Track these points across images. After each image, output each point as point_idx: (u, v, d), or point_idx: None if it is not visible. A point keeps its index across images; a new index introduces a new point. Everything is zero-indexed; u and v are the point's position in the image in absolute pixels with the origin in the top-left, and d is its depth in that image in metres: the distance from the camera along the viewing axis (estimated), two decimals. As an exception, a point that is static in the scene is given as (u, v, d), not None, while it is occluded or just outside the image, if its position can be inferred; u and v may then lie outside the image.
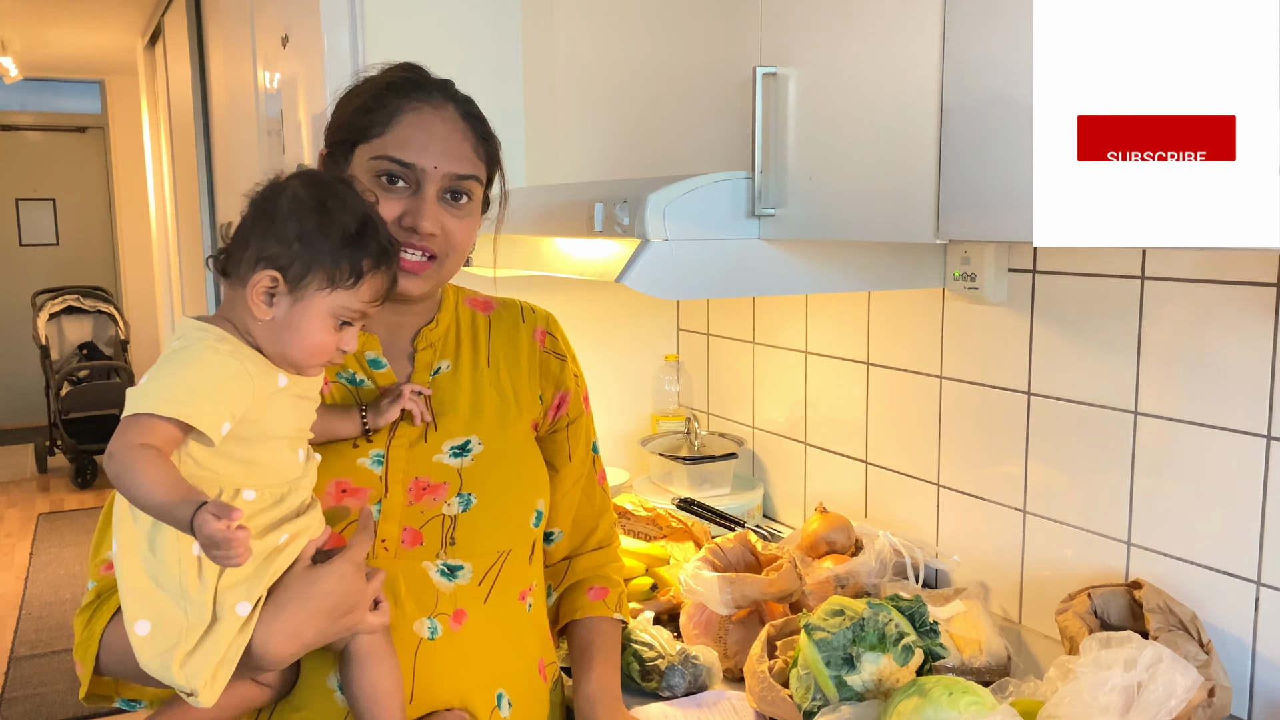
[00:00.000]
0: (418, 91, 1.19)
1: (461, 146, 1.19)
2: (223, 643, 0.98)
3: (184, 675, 0.96)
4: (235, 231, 1.05)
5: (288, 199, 1.03)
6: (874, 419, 1.96)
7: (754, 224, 1.49)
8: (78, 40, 6.37)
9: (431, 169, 1.16)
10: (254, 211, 1.04)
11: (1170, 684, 1.20)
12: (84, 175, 8.33)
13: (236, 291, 1.05)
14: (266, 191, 1.05)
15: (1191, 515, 1.42)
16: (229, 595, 0.99)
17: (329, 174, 1.11)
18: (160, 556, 0.98)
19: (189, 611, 0.97)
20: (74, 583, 4.93)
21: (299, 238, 1.02)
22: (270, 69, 2.71)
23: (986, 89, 1.13)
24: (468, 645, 1.19)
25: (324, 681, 1.13)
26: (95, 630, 1.07)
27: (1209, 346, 1.38)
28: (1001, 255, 1.64)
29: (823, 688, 1.29)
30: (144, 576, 0.98)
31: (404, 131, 1.16)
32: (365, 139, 1.17)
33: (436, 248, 1.17)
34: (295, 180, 1.06)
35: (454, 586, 1.19)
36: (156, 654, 0.97)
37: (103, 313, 7.20)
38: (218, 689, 0.98)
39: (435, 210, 1.16)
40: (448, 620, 1.18)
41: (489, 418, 1.26)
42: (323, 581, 1.04)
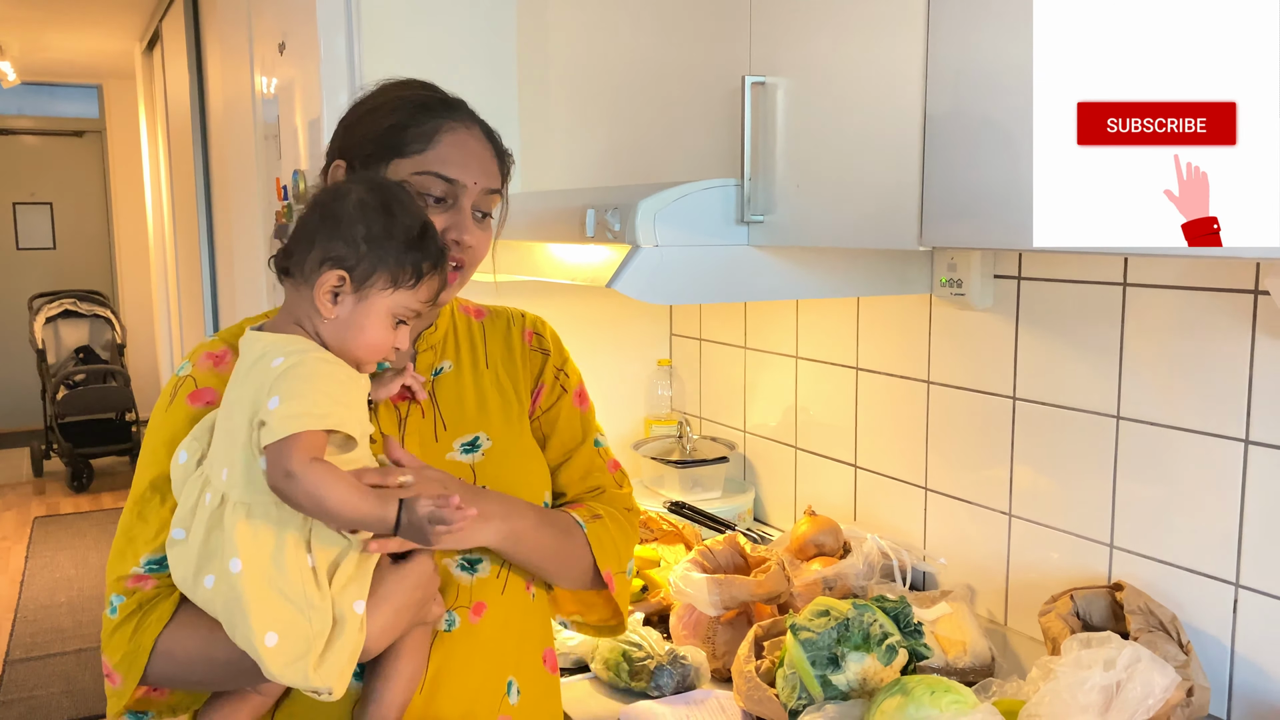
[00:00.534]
0: (450, 112, 1.24)
1: (491, 165, 1.24)
2: (351, 642, 1.04)
3: (320, 677, 1.01)
4: (296, 232, 1.08)
5: (354, 202, 1.07)
6: (863, 423, 1.98)
7: (743, 230, 1.51)
8: (76, 45, 6.40)
9: (472, 185, 1.20)
10: (319, 213, 1.07)
11: (1148, 683, 1.22)
12: (81, 179, 8.35)
13: (301, 291, 1.08)
14: (330, 194, 1.09)
15: (1172, 518, 1.44)
16: (344, 596, 1.04)
17: (388, 180, 1.14)
18: (283, 570, 1.02)
19: (313, 619, 1.02)
20: (69, 586, 4.94)
21: (366, 239, 1.06)
22: (267, 74, 2.73)
23: (969, 98, 1.15)
24: (484, 636, 1.23)
25: None
26: (144, 641, 1.10)
27: (1189, 352, 1.40)
28: (987, 261, 1.67)
29: (808, 687, 1.31)
30: (269, 590, 1.02)
31: (445, 150, 1.20)
32: (403, 154, 1.20)
33: (467, 259, 1.23)
34: (359, 185, 1.10)
35: (474, 580, 1.23)
36: (288, 662, 1.01)
37: (99, 317, 7.21)
38: (346, 682, 1.05)
39: (473, 225, 1.22)
40: (467, 613, 1.21)
41: (494, 415, 1.29)
42: (411, 577, 1.11)
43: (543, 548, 1.23)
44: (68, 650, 4.23)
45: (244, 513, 1.02)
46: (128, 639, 1.10)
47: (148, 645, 1.09)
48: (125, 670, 1.10)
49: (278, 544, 1.02)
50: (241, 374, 1.07)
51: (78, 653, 4.21)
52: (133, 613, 1.12)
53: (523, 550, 1.21)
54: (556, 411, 1.35)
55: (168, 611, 1.11)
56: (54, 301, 7.08)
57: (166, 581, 1.11)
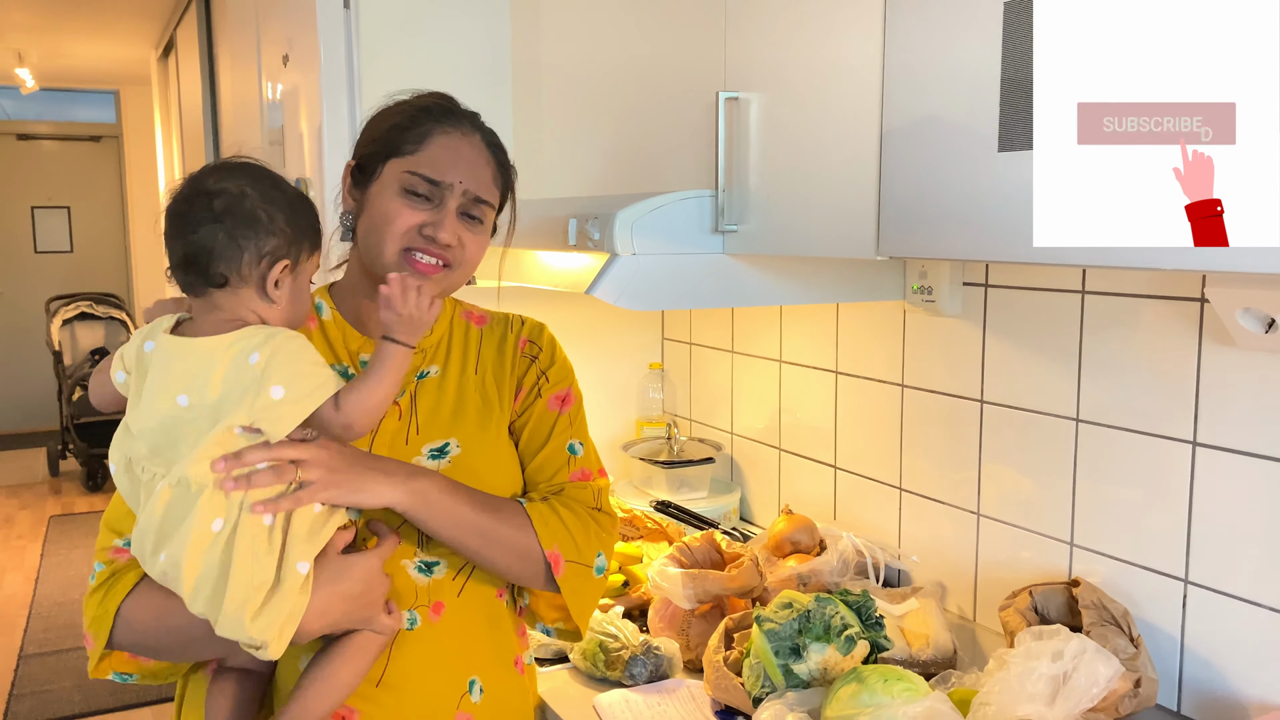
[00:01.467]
0: (449, 117, 1.30)
1: (484, 172, 1.29)
2: (289, 599, 1.10)
3: (256, 629, 1.08)
4: (207, 247, 1.13)
5: (255, 200, 1.15)
6: (842, 426, 2.04)
7: (718, 239, 1.58)
8: (93, 52, 6.50)
9: (456, 184, 1.27)
10: (231, 221, 1.14)
11: (1093, 673, 1.28)
12: (98, 184, 8.46)
13: (240, 293, 1.16)
14: (226, 202, 1.14)
15: (1127, 517, 1.50)
16: (289, 555, 1.11)
17: (235, 162, 1.20)
18: (237, 527, 1.10)
19: (255, 572, 1.09)
20: (83, 584, 5.01)
21: (288, 224, 1.16)
22: (273, 81, 2.81)
23: (924, 114, 1.22)
24: (444, 635, 1.28)
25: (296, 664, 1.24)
26: (110, 606, 1.20)
27: (1141, 357, 1.46)
28: (956, 270, 1.73)
29: (771, 676, 1.37)
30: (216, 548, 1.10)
31: (434, 152, 1.27)
32: (398, 154, 1.27)
33: (451, 258, 1.27)
34: (235, 180, 1.16)
35: (430, 581, 1.28)
36: (231, 611, 1.08)
37: (115, 319, 7.30)
38: (284, 643, 1.11)
39: (454, 223, 1.27)
40: (427, 612, 1.27)
41: (469, 421, 1.34)
42: (354, 569, 1.17)
43: (459, 516, 1.24)
44: (80, 647, 4.31)
45: (211, 486, 1.10)
46: (98, 603, 1.21)
47: (112, 610, 1.20)
48: (95, 632, 1.21)
49: (242, 505, 1.10)
50: (202, 380, 1.12)
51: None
52: (106, 580, 1.22)
53: (435, 515, 1.22)
54: (530, 413, 1.38)
55: (132, 581, 1.21)
56: (70, 304, 7.18)
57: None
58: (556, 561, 1.30)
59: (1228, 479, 1.37)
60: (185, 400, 1.12)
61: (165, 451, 1.12)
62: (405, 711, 1.25)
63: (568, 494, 1.36)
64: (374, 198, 1.28)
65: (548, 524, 1.30)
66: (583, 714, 1.48)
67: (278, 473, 1.11)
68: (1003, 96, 1.08)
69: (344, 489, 1.15)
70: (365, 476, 1.17)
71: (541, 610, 1.38)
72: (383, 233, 1.26)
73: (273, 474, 1.11)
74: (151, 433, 1.13)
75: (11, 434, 8.17)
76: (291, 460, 1.12)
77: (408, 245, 1.26)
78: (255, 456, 1.11)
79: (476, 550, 1.27)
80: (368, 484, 1.17)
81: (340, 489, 1.15)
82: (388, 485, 1.19)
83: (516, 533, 1.28)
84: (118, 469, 1.18)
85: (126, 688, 3.93)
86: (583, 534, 1.33)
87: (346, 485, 1.15)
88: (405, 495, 1.20)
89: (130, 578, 1.21)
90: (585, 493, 1.37)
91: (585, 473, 1.39)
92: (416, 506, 1.21)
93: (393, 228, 1.25)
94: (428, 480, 1.23)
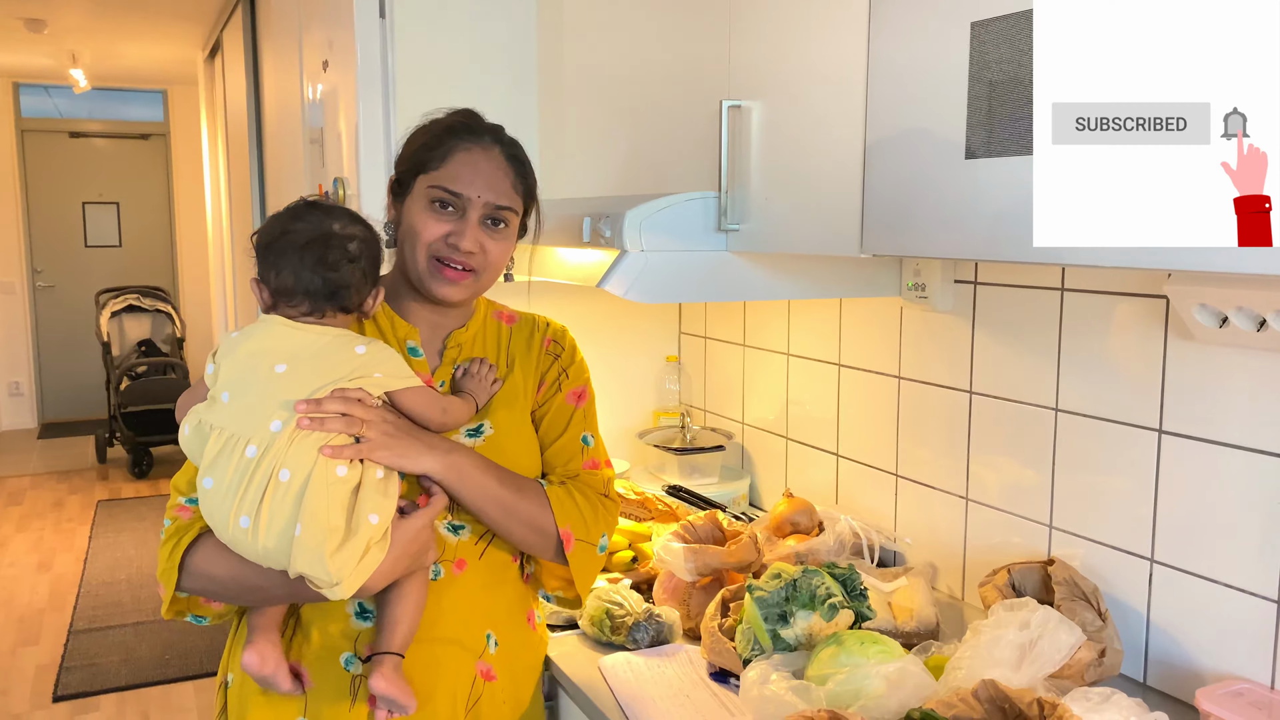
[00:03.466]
0: (470, 134, 1.46)
1: (502, 183, 1.45)
2: (363, 543, 1.27)
3: (335, 564, 1.24)
4: (350, 285, 1.35)
5: (372, 244, 1.39)
6: (844, 416, 2.15)
7: (721, 237, 1.69)
8: (143, 53, 6.70)
9: (475, 198, 1.43)
10: (367, 263, 1.38)
11: (1056, 641, 1.39)
12: (146, 180, 8.67)
13: (352, 313, 1.40)
14: (359, 247, 1.36)
15: (1100, 501, 1.60)
16: (361, 509, 1.28)
17: (340, 207, 1.41)
18: (313, 483, 1.26)
19: (331, 516, 1.26)
20: (129, 564, 5.24)
21: (370, 260, 1.39)
22: (314, 83, 2.95)
23: (901, 123, 1.32)
24: (464, 588, 1.44)
25: (336, 660, 1.39)
26: (175, 559, 1.36)
27: (1113, 350, 1.56)
28: (948, 268, 1.83)
29: (760, 640, 1.49)
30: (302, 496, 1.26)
31: (455, 168, 1.43)
32: (425, 170, 1.44)
33: (475, 264, 1.44)
34: (356, 225, 1.38)
35: (458, 541, 1.45)
36: (310, 547, 1.24)
37: (161, 311, 7.51)
38: (356, 583, 1.27)
39: (476, 232, 1.43)
40: (450, 566, 1.44)
41: (500, 408, 1.51)
42: (410, 531, 1.33)
43: (487, 489, 1.41)
44: (126, 624, 4.51)
45: (290, 447, 1.27)
46: (166, 556, 1.37)
47: (177, 561, 1.36)
48: (164, 580, 1.37)
49: (315, 462, 1.27)
50: (306, 356, 1.32)
51: (135, 625, 4.48)
52: (171, 534, 1.38)
53: (467, 486, 1.39)
54: (550, 404, 1.55)
55: (193, 535, 1.37)
56: (119, 297, 7.38)
57: (199, 513, 1.35)
58: (568, 539, 1.47)
59: (1190, 464, 1.47)
60: (283, 368, 1.30)
61: (248, 414, 1.29)
62: (439, 654, 1.41)
63: (581, 480, 1.53)
64: (407, 211, 1.47)
65: (563, 505, 1.48)
66: (589, 674, 1.60)
67: (347, 423, 1.29)
68: (970, 106, 1.19)
69: (393, 451, 1.33)
70: (411, 445, 1.35)
71: (545, 579, 1.55)
72: (414, 243, 1.44)
73: (342, 423, 1.29)
74: (241, 392, 1.31)
75: (62, 422, 8.42)
76: (359, 417, 1.30)
77: (436, 255, 1.43)
78: (332, 405, 1.29)
79: (497, 520, 1.43)
80: (412, 451, 1.35)
81: (390, 450, 1.32)
82: (429, 455, 1.37)
83: (536, 509, 1.46)
84: (190, 429, 1.33)
85: (169, 661, 4.11)
86: (592, 516, 1.50)
87: (396, 448, 1.33)
88: (442, 466, 1.38)
89: (192, 532, 1.37)
90: (596, 479, 1.55)
91: (595, 462, 1.56)
92: (451, 477, 1.38)
93: (421, 239, 1.43)
94: (463, 455, 1.40)
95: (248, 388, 1.31)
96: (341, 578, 1.25)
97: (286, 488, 1.26)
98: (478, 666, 1.44)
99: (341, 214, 1.37)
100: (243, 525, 1.26)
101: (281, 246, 1.33)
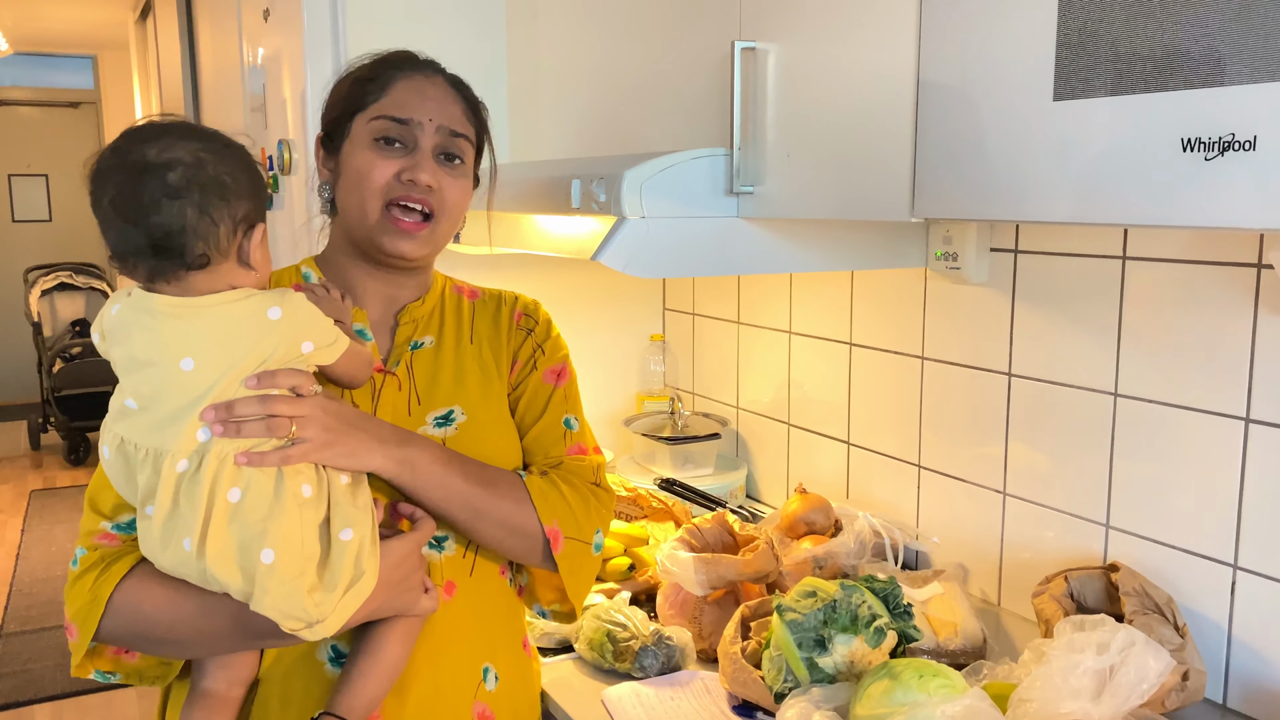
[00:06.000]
0: (410, 63, 1.26)
1: (454, 108, 1.25)
2: (343, 571, 1.04)
3: (313, 602, 1.01)
4: (182, 228, 1.02)
5: (214, 164, 1.04)
6: (856, 400, 1.95)
7: (732, 202, 1.47)
8: (69, 15, 6.34)
9: (427, 121, 1.21)
10: (198, 193, 1.02)
11: (1142, 668, 1.19)
12: (77, 151, 8.16)
13: (220, 269, 1.06)
14: (184, 174, 1.02)
15: (1170, 498, 1.41)
16: (332, 524, 1.06)
17: (168, 122, 1.07)
18: (281, 498, 1.03)
19: (305, 540, 1.03)
20: (65, 559, 4.94)
21: (251, 185, 1.07)
22: (254, 45, 2.69)
23: (967, 63, 1.11)
24: (456, 616, 1.22)
25: (314, 654, 1.16)
26: (102, 592, 1.09)
27: (1189, 328, 1.36)
28: (984, 235, 1.62)
29: (794, 669, 1.28)
30: (267, 513, 1.03)
31: (399, 94, 1.22)
32: (362, 107, 1.23)
33: (434, 204, 1.21)
34: (183, 145, 1.03)
35: (442, 557, 1.22)
36: (286, 580, 1.00)
37: (95, 289, 7.19)
38: (343, 618, 1.04)
39: (432, 164, 1.22)
40: (441, 591, 1.21)
41: (472, 389, 1.28)
42: (389, 555, 1.10)
43: (449, 487, 1.17)
44: (63, 624, 4.22)
45: (230, 459, 1.02)
46: (86, 589, 1.10)
47: (104, 596, 1.09)
48: (81, 621, 1.10)
49: (277, 477, 1.03)
50: (210, 341, 1.04)
51: (72, 626, 4.20)
52: (94, 564, 1.12)
53: (424, 485, 1.16)
54: (526, 385, 1.33)
55: (126, 566, 1.10)
56: (50, 274, 7.06)
57: (132, 541, 1.11)
58: (556, 538, 1.24)
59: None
60: (190, 363, 1.03)
61: (169, 424, 1.03)
62: (426, 705, 1.18)
63: (566, 468, 1.31)
64: (346, 158, 1.24)
65: (547, 499, 1.25)
66: (591, 709, 1.39)
67: (270, 426, 1.04)
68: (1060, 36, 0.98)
69: (337, 450, 1.08)
70: (356, 439, 1.11)
71: (540, 591, 1.34)
72: (362, 190, 1.21)
73: (263, 426, 1.03)
74: (150, 399, 1.04)
75: (-9, 407, 8.05)
76: (288, 415, 1.05)
77: (389, 198, 1.21)
78: (247, 409, 1.03)
79: (468, 523, 1.21)
80: (357, 448, 1.11)
81: (333, 450, 1.08)
82: (378, 451, 1.13)
83: (513, 506, 1.23)
84: (111, 451, 1.07)
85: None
86: (583, 510, 1.28)
87: (340, 446, 1.09)
88: (392, 463, 1.14)
89: (124, 563, 1.11)
90: (584, 467, 1.32)
91: (581, 447, 1.34)
92: (404, 475, 1.15)
93: (370, 181, 1.20)
94: (419, 449, 1.17)
95: (156, 393, 1.04)
96: (324, 614, 1.02)
97: (237, 510, 1.02)
98: (475, 709, 1.22)
99: (162, 133, 1.03)
100: (185, 547, 1.02)
101: (96, 198, 1.04)
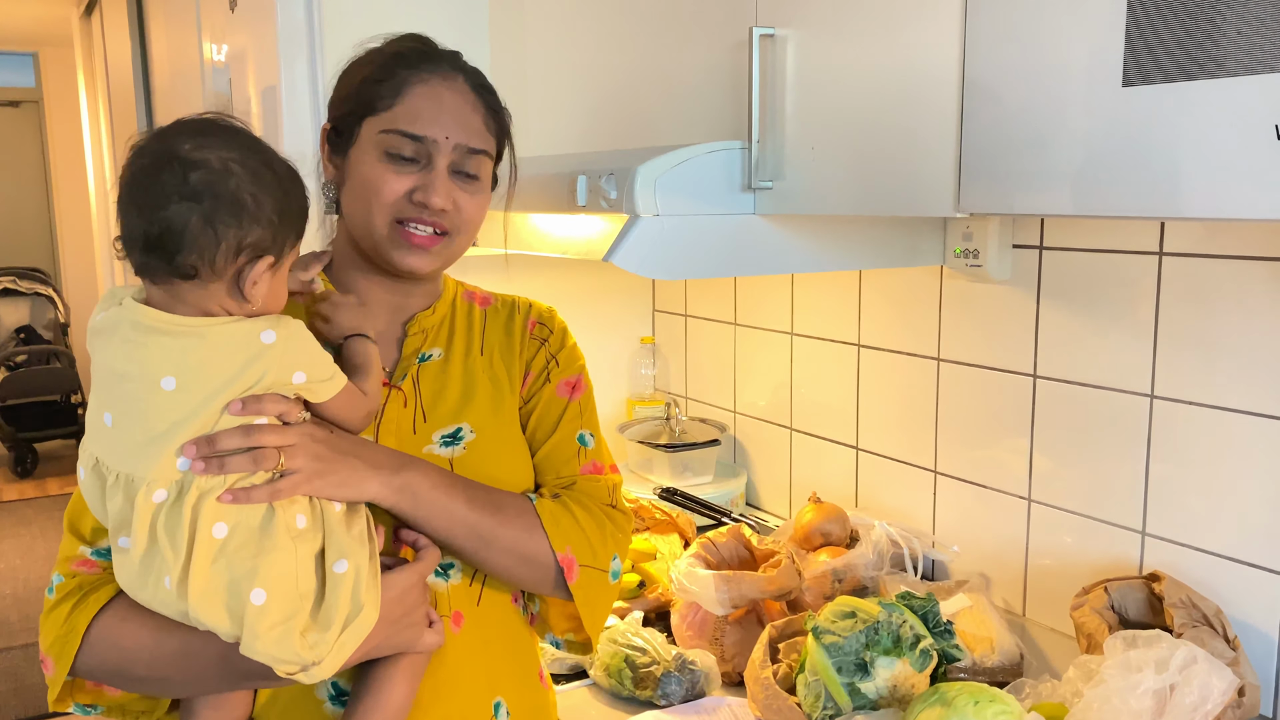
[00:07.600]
0: (426, 62, 1.14)
1: (472, 118, 1.14)
2: (339, 608, 0.95)
3: (306, 644, 0.93)
4: (181, 233, 0.91)
5: (242, 180, 0.93)
6: (865, 403, 1.87)
7: (749, 198, 1.40)
8: (7, 10, 6.11)
9: (443, 139, 1.11)
10: (211, 202, 0.92)
11: (1206, 687, 1.13)
12: (17, 152, 8.03)
13: (210, 288, 0.95)
14: (205, 178, 0.91)
15: (1212, 504, 1.35)
16: (327, 556, 0.97)
17: (223, 123, 0.97)
18: (270, 533, 0.95)
19: (300, 578, 0.95)
20: (14, 577, 4.75)
21: (277, 215, 0.95)
22: (217, 40, 2.55)
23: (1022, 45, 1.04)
24: (464, 649, 1.13)
25: (312, 691, 1.07)
26: (78, 623, 1.02)
27: (1233, 326, 1.31)
28: (1006, 231, 1.56)
29: (834, 695, 1.20)
30: (256, 549, 0.95)
31: (414, 103, 1.11)
32: (373, 112, 1.12)
33: (448, 224, 1.12)
34: (220, 150, 0.93)
35: (448, 587, 1.13)
36: (277, 621, 0.92)
37: (41, 295, 6.95)
38: (341, 659, 0.96)
39: (447, 184, 1.11)
40: (447, 621, 1.11)
41: (481, 404, 1.19)
42: (390, 588, 1.01)
43: (453, 515, 1.08)
44: (14, 645, 4.05)
45: (221, 487, 0.93)
46: (62, 620, 1.02)
47: (80, 629, 1.01)
48: (57, 655, 1.02)
49: (266, 508, 0.95)
50: (196, 360, 0.93)
51: (25, 648, 4.03)
52: (70, 593, 1.03)
53: (426, 513, 1.07)
54: (538, 398, 1.24)
55: (105, 596, 1.02)
56: (-8, 280, 6.82)
57: (111, 569, 1.01)
58: (570, 566, 1.14)
59: (1338, 461, 1.22)
60: (171, 383, 0.92)
61: (147, 447, 0.93)
62: None
63: (580, 489, 1.21)
64: (355, 164, 1.13)
65: (559, 524, 1.15)
66: (611, 741, 1.30)
67: (256, 459, 0.94)
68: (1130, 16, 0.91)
69: (328, 480, 0.99)
70: (350, 468, 1.02)
71: (553, 620, 1.23)
72: (369, 204, 1.11)
73: (248, 459, 0.94)
74: (127, 417, 0.94)
75: (-68, 418, 7.76)
76: (274, 445, 0.96)
77: (398, 216, 1.11)
78: (231, 442, 0.94)
79: (474, 553, 1.11)
80: (351, 477, 1.01)
81: (324, 480, 0.99)
82: (374, 479, 1.03)
83: (523, 534, 1.13)
84: (86, 471, 0.97)
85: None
86: (598, 535, 1.18)
87: (333, 476, 0.99)
88: (390, 491, 1.05)
89: (103, 593, 1.02)
90: (598, 488, 1.22)
91: (597, 466, 1.24)
92: (403, 503, 1.06)
93: (379, 198, 1.10)
94: (419, 474, 1.07)
95: (132, 411, 0.93)
96: (319, 656, 0.93)
97: (223, 546, 0.92)
98: None
99: (205, 131, 0.94)
100: (165, 585, 0.92)
101: (121, 174, 0.93)
